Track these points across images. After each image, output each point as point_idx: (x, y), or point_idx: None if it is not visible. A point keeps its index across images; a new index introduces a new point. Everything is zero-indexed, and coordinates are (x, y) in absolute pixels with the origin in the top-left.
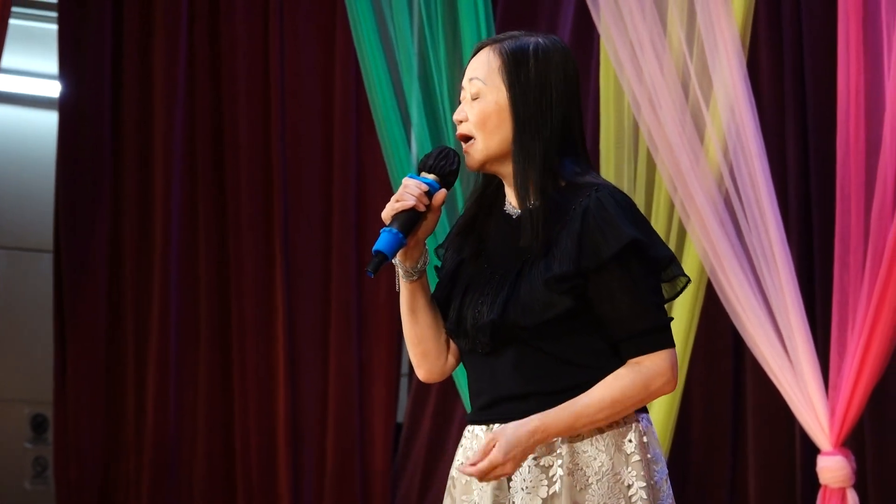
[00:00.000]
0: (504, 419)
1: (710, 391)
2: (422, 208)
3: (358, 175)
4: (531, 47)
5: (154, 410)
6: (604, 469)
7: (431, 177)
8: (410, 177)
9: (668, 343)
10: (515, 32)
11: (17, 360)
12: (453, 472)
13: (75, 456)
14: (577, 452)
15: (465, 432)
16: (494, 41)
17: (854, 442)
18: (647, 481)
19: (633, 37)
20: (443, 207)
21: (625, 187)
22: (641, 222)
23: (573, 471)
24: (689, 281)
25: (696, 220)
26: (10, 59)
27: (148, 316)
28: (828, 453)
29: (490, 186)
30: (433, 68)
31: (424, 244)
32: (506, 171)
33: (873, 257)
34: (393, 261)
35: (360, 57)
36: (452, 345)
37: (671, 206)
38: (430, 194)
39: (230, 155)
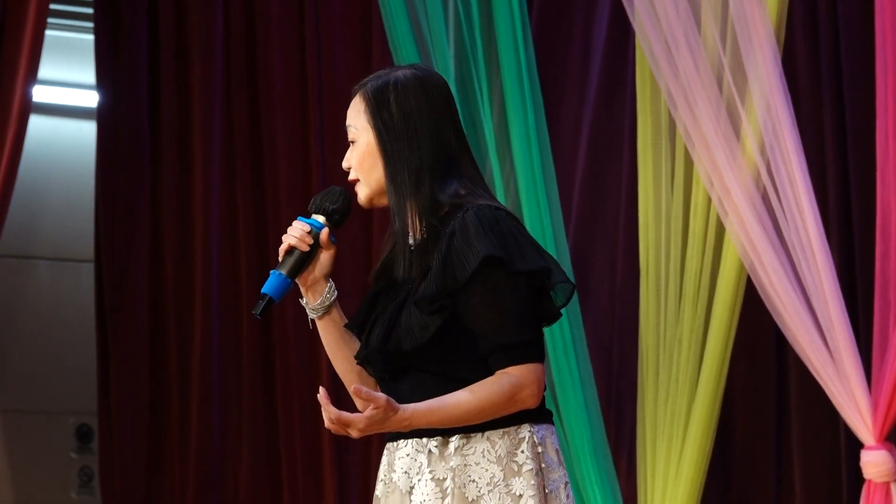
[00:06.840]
0: (406, 436)
1: (753, 388)
2: (305, 248)
3: None
4: (391, 83)
5: (198, 419)
6: (495, 480)
7: (319, 218)
8: (299, 219)
9: (533, 357)
10: (383, 71)
11: (60, 370)
12: (377, 491)
13: (120, 465)
14: (469, 465)
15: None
16: (362, 85)
17: None
18: (537, 490)
19: (667, 35)
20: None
21: (662, 184)
22: (509, 238)
23: (465, 483)
24: (574, 286)
25: (734, 216)
26: (47, 70)
27: (190, 324)
28: (871, 448)
29: None
30: (473, 73)
31: (327, 280)
32: None
33: None
34: (300, 300)
35: (395, 59)
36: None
37: (709, 203)
38: (314, 234)
39: (269, 160)
